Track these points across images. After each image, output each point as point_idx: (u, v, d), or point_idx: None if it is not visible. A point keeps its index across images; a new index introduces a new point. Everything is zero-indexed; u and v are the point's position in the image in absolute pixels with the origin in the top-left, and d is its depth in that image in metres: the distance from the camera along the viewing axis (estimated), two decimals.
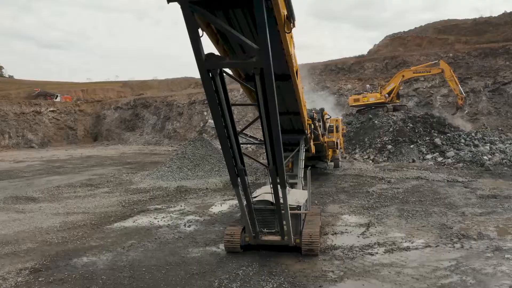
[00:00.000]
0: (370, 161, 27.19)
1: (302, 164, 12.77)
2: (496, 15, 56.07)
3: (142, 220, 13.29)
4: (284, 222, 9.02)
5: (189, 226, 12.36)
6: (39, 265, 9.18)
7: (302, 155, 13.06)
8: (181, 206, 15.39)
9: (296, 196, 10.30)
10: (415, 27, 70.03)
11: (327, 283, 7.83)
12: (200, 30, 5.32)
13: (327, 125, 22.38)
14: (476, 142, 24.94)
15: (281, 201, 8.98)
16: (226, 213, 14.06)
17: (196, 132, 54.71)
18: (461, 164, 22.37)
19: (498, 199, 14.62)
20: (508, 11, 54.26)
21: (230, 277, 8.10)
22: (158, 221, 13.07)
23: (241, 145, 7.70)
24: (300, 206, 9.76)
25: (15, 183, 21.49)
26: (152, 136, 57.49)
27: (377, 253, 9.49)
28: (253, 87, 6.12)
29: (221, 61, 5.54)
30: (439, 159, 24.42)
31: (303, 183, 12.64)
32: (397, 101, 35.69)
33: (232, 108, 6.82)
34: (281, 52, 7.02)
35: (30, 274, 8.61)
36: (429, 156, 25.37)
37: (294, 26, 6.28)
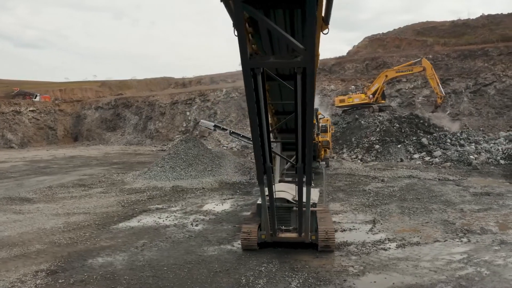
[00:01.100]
0: (359, 161, 27.68)
1: None
2: (474, 17, 57.82)
3: (147, 220, 13.21)
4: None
5: (196, 225, 12.37)
6: (54, 266, 9.04)
7: None
8: (182, 205, 15.35)
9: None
10: (394, 29, 71.41)
11: (350, 277, 8.03)
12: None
13: (320, 125, 22.75)
14: (462, 141, 25.76)
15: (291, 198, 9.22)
16: (230, 212, 14.12)
17: (179, 132, 54.44)
18: (448, 163, 23.05)
19: (491, 196, 15.19)
20: (486, 13, 56.04)
21: (254, 274, 8.20)
22: (163, 221, 13.03)
23: (232, 146, 7.84)
24: (315, 203, 9.95)
25: (4, 183, 20.92)
26: (134, 136, 56.71)
27: (389, 248, 9.77)
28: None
29: (265, 60, 5.64)
30: (427, 158, 25.10)
31: None
32: (383, 101, 36.36)
33: (216, 108, 6.92)
34: None
35: (47, 276, 8.48)
36: (416, 156, 26.03)
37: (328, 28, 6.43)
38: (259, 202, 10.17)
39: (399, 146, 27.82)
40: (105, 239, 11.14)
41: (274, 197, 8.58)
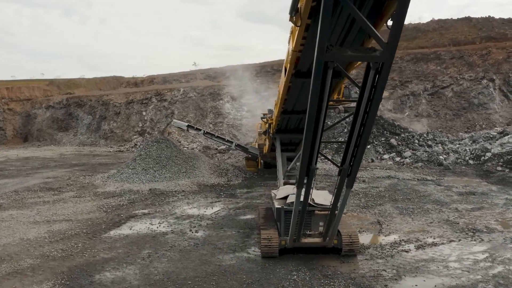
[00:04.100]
0: (329, 161, 27.79)
1: None
2: (425, 21, 60.25)
3: (139, 227, 12.28)
4: (321, 223, 8.93)
5: (196, 232, 11.63)
6: (59, 285, 8.05)
7: None
8: (169, 210, 14.50)
9: (325, 196, 10.11)
10: None
11: (388, 281, 7.80)
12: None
13: None
14: (429, 142, 26.62)
15: (310, 201, 8.90)
16: (226, 217, 13.47)
17: (134, 132, 52.49)
18: (420, 164, 23.69)
19: (476, 195, 15.62)
20: (436, 18, 58.60)
21: (290, 284, 7.72)
22: (157, 227, 12.16)
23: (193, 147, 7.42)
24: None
25: None
26: (87, 137, 53.89)
27: (410, 250, 9.66)
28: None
29: (343, 53, 5.20)
30: (397, 159, 25.68)
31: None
32: (345, 103, 36.75)
33: (173, 108, 6.50)
34: None
35: None
36: (386, 156, 26.58)
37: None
38: (277, 206, 9.68)
39: (368, 146, 28.26)
40: (103, 249, 10.16)
41: (286, 201, 8.22)
